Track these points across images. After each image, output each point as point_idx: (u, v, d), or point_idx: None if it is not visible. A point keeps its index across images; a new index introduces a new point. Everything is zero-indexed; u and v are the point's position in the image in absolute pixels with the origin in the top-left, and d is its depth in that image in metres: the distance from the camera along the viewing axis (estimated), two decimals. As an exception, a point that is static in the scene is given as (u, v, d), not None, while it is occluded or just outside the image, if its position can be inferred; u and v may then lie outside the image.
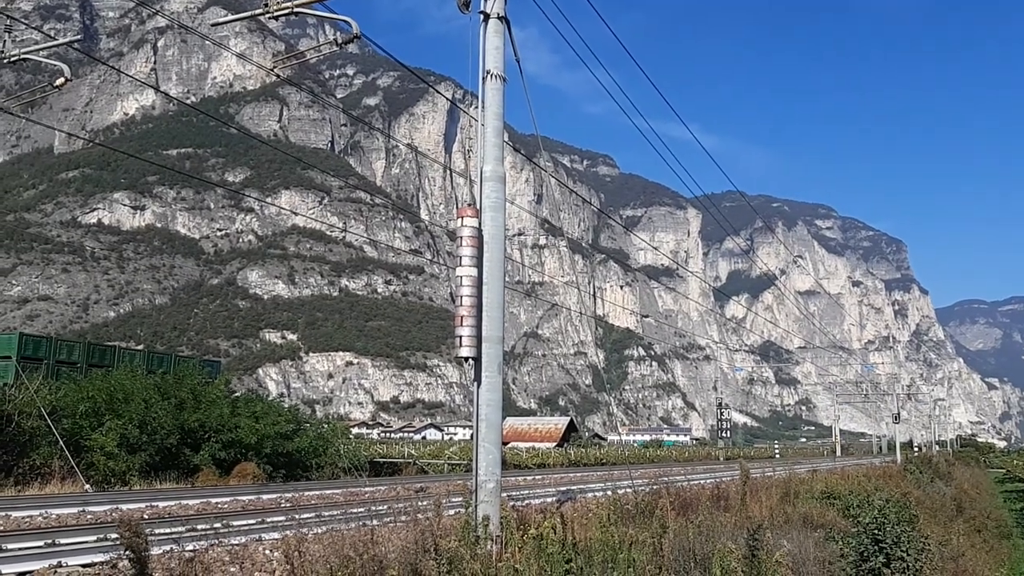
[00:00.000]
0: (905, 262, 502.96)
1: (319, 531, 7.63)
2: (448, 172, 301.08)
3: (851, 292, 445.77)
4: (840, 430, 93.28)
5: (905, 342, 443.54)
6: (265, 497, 14.46)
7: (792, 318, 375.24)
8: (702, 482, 17.17)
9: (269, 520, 10.38)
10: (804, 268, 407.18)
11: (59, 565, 6.89)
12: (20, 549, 7.87)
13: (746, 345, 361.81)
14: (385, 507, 8.69)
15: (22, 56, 16.49)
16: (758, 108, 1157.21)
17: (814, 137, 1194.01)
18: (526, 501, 10.96)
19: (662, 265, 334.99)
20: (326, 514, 9.15)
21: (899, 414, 68.36)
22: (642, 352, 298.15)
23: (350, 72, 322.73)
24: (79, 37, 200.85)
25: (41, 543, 8.32)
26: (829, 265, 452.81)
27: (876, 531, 10.46)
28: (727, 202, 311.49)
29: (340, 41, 11.50)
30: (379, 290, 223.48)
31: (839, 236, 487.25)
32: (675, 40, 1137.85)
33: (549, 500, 12.01)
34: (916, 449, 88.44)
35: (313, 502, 12.00)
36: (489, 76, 9.37)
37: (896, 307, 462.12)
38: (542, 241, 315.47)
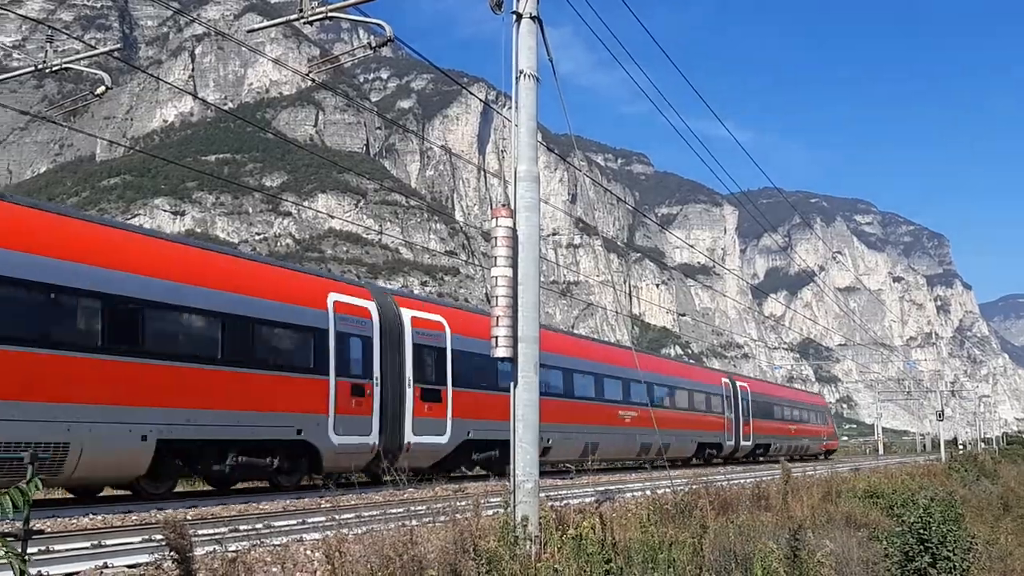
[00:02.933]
0: (947, 257, 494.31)
1: (359, 531, 7.69)
2: (482, 173, 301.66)
3: (892, 288, 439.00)
4: (882, 428, 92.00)
5: (948, 338, 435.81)
6: (306, 498, 14.59)
7: (832, 315, 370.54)
8: (742, 481, 17.02)
9: (309, 521, 10.46)
10: (843, 264, 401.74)
11: (105, 566, 7.00)
12: (68, 550, 8.01)
13: (785, 343, 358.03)
14: (424, 507, 8.73)
15: (64, 66, 16.82)
16: (795, 103, 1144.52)
17: (853, 131, 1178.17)
18: (564, 501, 10.94)
19: (698, 263, 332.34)
20: (365, 514, 9.21)
21: (943, 411, 67.21)
22: (679, 351, 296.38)
23: (384, 75, 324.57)
24: (119, 46, 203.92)
25: (88, 544, 8.46)
26: (869, 261, 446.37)
27: (921, 530, 10.30)
28: (764, 198, 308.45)
29: (374, 44, 11.59)
30: (415, 291, 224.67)
31: (879, 231, 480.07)
32: (710, 35, 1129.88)
33: (587, 500, 11.98)
34: (961, 447, 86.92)
35: (353, 502, 12.09)
36: (522, 76, 9.38)
37: (938, 303, 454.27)
38: (576, 241, 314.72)
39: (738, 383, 39.68)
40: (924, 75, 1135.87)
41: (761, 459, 40.89)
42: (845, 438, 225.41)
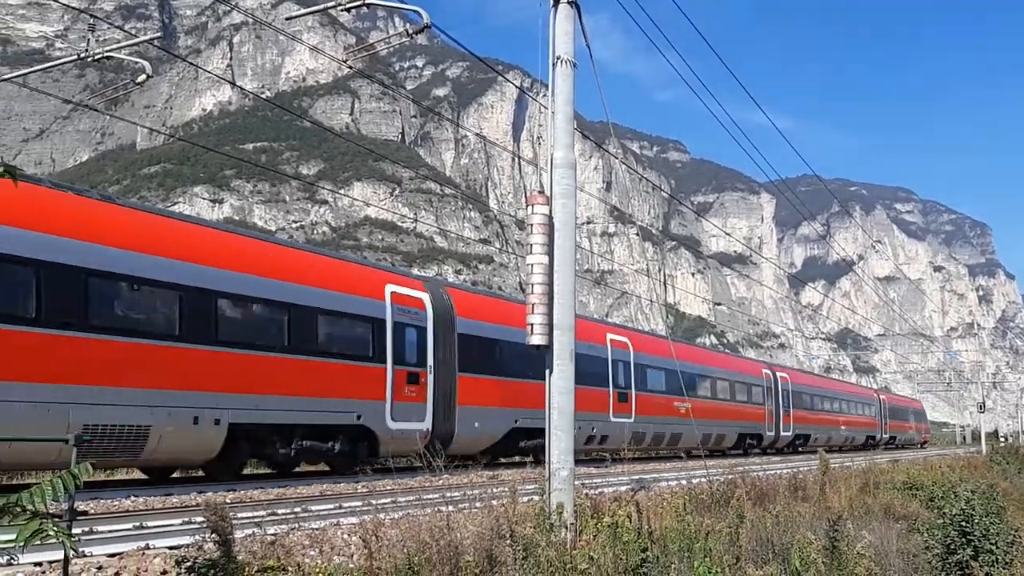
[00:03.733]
0: (990, 246, 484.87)
1: (395, 516, 7.74)
2: (516, 161, 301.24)
3: (932, 278, 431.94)
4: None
5: (990, 329, 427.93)
6: (342, 483, 14.72)
7: (871, 305, 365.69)
8: (778, 472, 16.88)
9: (346, 505, 10.56)
10: (883, 253, 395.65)
11: (147, 547, 7.11)
12: (110, 531, 8.16)
13: (822, 332, 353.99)
14: (459, 494, 8.76)
15: (106, 54, 17.04)
16: (835, 89, 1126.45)
17: (893, 118, 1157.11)
18: (599, 489, 10.93)
19: (735, 252, 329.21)
20: (402, 500, 9.27)
21: (984, 403, 66.24)
22: (715, 340, 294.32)
23: (419, 64, 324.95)
24: (159, 34, 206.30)
25: (130, 526, 8.61)
26: (909, 250, 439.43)
27: (963, 523, 10.14)
28: (802, 186, 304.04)
29: (411, 31, 11.60)
30: (449, 279, 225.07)
31: (920, 220, 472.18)
32: (747, 20, 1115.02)
33: (622, 488, 11.96)
34: (1002, 439, 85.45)
35: (389, 488, 12.18)
36: (559, 62, 9.32)
37: (980, 293, 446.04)
38: (611, 229, 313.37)
39: (881, 396, 58.65)
40: (964, 60, 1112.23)
41: (891, 446, 56.38)
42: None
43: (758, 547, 8.35)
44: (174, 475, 18.00)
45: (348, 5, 11.65)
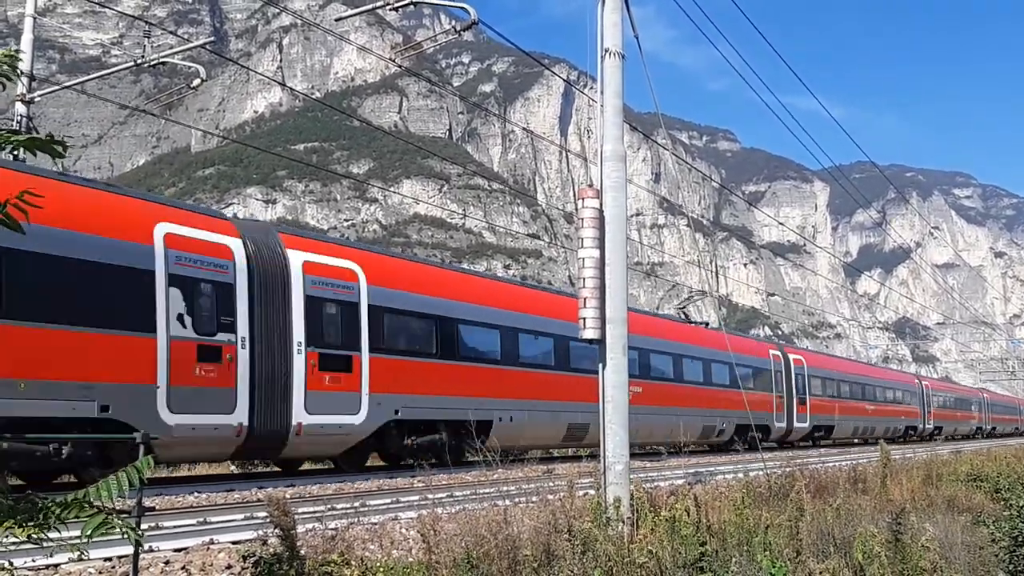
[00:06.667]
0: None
1: (452, 510, 7.79)
2: (564, 155, 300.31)
3: (994, 264, 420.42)
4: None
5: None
6: (398, 477, 14.87)
7: (929, 293, 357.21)
8: (837, 464, 16.62)
9: (403, 500, 10.66)
10: (941, 240, 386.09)
11: (211, 542, 7.27)
12: (175, 527, 8.36)
13: (880, 322, 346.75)
14: (514, 488, 8.77)
15: (161, 60, 17.42)
16: (888, 73, 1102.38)
17: (950, 102, 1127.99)
18: (655, 483, 10.87)
19: (788, 241, 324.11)
20: (458, 494, 9.34)
21: (1051, 392, 64.95)
22: (769, 331, 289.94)
23: (465, 60, 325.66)
24: (211, 39, 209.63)
25: (194, 521, 8.80)
26: (969, 236, 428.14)
27: (1032, 514, 9.89)
28: (856, 173, 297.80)
29: (459, 28, 11.64)
30: (499, 274, 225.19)
31: (979, 205, 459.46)
32: (796, 5, 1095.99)
33: (678, 482, 11.88)
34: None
35: (444, 482, 12.27)
36: (608, 54, 9.29)
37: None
38: (661, 221, 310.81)
39: (984, 395, 68.60)
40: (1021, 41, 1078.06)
41: (991, 436, 63.78)
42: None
43: (818, 540, 8.23)
44: (232, 468, 18.34)
45: (396, 4, 11.72)
